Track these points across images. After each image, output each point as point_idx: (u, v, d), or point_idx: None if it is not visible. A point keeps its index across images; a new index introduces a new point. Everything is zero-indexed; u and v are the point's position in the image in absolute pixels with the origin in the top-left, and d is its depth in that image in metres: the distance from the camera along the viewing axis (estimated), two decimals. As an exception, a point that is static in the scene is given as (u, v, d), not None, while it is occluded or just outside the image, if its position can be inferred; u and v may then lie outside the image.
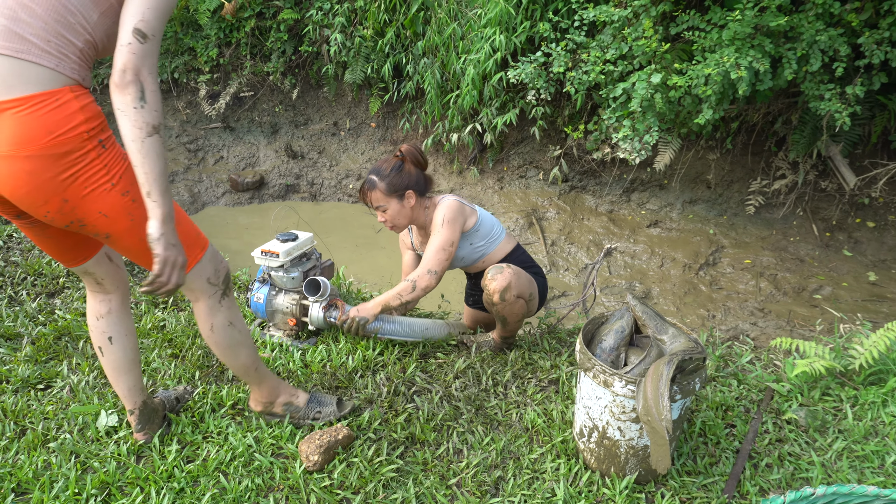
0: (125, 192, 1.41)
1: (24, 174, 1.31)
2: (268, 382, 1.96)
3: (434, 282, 2.34)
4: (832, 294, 4.16)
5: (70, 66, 1.34)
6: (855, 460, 1.97)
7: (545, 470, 1.91)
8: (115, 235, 1.46)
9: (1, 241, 3.28)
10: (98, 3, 1.36)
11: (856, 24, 3.58)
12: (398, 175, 2.36)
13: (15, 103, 1.27)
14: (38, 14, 1.28)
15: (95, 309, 1.79)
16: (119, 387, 1.86)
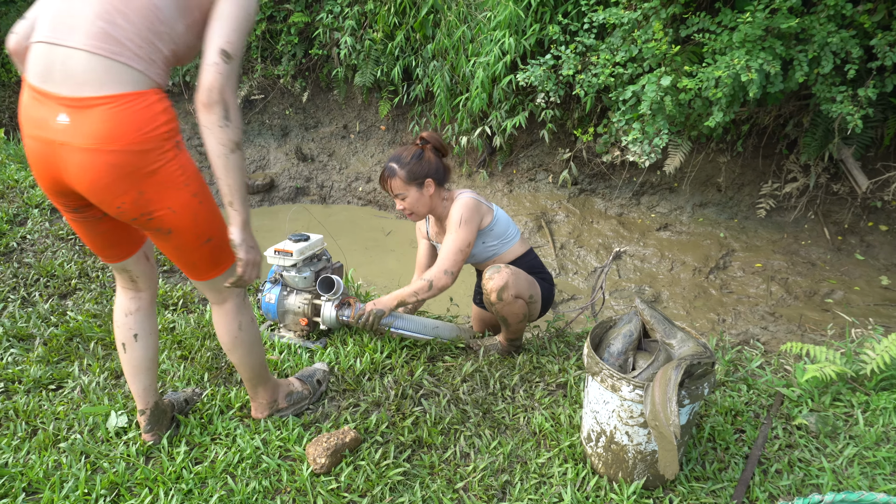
0: (195, 194, 1.51)
1: (107, 167, 1.39)
2: (269, 381, 2.01)
3: (450, 282, 2.35)
4: (844, 298, 4.12)
5: (156, 70, 1.44)
6: (866, 467, 1.95)
7: (552, 474, 1.90)
8: (176, 231, 1.52)
9: (14, 242, 3.31)
10: (184, 16, 1.46)
11: (868, 25, 3.55)
12: (418, 163, 2.37)
13: (107, 100, 1.35)
14: (133, 21, 1.38)
15: (125, 305, 1.83)
16: (135, 385, 1.88)
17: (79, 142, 1.37)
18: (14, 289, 2.92)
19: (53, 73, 1.37)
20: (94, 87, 1.36)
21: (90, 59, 1.36)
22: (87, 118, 1.37)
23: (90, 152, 1.38)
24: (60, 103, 1.37)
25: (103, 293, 2.92)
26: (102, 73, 1.36)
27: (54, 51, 1.37)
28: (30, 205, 3.74)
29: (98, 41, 1.36)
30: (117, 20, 1.37)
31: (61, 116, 1.37)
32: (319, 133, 6.86)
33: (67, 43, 1.36)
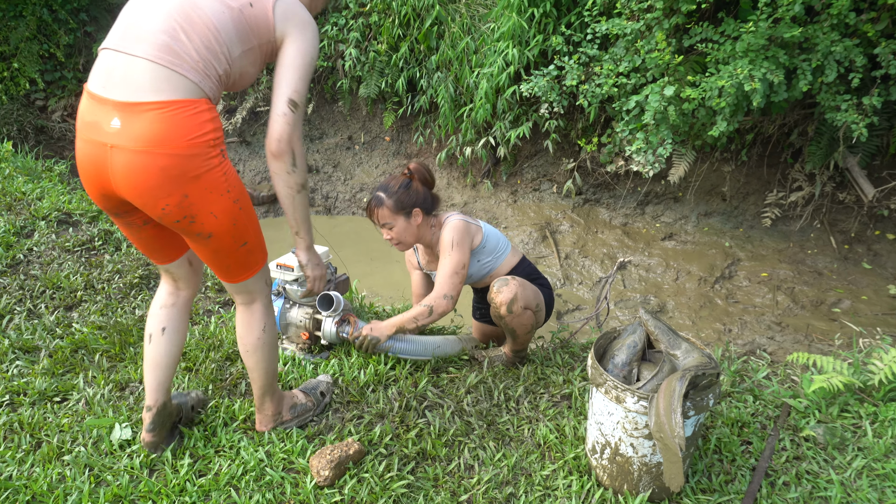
0: (236, 200, 1.59)
1: (156, 170, 1.47)
2: (279, 391, 2.03)
3: (450, 306, 2.35)
4: (851, 308, 4.09)
5: (210, 84, 1.54)
6: (875, 479, 1.93)
7: (557, 487, 1.89)
8: (216, 235, 1.60)
9: (21, 254, 3.33)
10: (242, 42, 1.59)
11: (872, 34, 3.55)
12: (406, 193, 2.36)
13: (159, 105, 1.45)
14: (194, 38, 1.50)
15: (163, 299, 1.91)
16: (149, 379, 1.89)
17: (130, 144, 1.45)
18: (20, 301, 2.93)
19: (113, 78, 1.48)
20: (148, 93, 1.45)
21: (149, 67, 1.46)
22: (139, 121, 1.45)
23: (139, 154, 1.46)
24: (115, 108, 1.46)
25: (108, 305, 2.93)
26: (159, 81, 1.46)
27: (118, 58, 1.49)
28: (37, 217, 3.77)
29: (160, 52, 1.47)
30: (180, 36, 1.49)
31: (114, 121, 1.46)
32: (324, 144, 6.90)
33: (131, 51, 1.48)
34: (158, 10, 1.52)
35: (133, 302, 2.98)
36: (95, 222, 3.88)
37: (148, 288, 3.16)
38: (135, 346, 2.59)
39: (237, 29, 1.57)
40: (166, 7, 1.52)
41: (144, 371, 1.90)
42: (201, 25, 1.52)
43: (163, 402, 1.91)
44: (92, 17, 7.15)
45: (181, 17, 1.51)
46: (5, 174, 4.52)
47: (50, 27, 6.79)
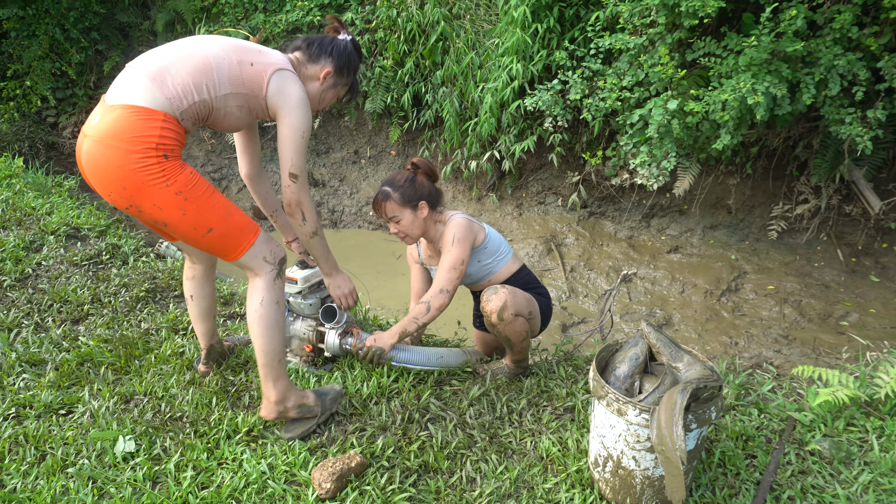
0: (178, 192, 1.75)
1: (102, 158, 1.73)
2: (283, 380, 2.04)
3: (447, 300, 2.37)
4: (859, 321, 4.06)
5: (178, 104, 1.79)
6: (882, 494, 1.91)
7: (559, 500, 1.88)
8: (170, 225, 1.80)
9: (30, 268, 3.37)
10: (233, 85, 1.88)
11: (875, 48, 3.56)
12: (411, 186, 2.42)
13: (125, 107, 1.73)
14: (187, 67, 1.81)
15: (186, 272, 2.29)
16: (197, 329, 2.37)
17: (94, 134, 1.74)
18: (28, 314, 2.96)
19: (118, 86, 1.79)
20: (127, 98, 1.75)
21: (141, 81, 1.77)
22: (106, 117, 1.74)
23: (95, 142, 1.74)
24: (103, 108, 1.78)
25: (115, 318, 2.95)
26: (138, 91, 1.75)
27: (131, 72, 1.80)
28: (46, 232, 3.81)
29: (156, 72, 1.78)
30: (178, 65, 1.81)
31: (97, 117, 1.77)
32: (331, 158, 6.95)
33: (141, 68, 1.79)
34: (179, 44, 1.88)
35: (139, 315, 3.01)
36: (103, 237, 3.93)
37: (154, 301, 3.18)
38: (140, 359, 2.61)
39: (230, 75, 1.87)
40: (185, 42, 1.89)
41: (192, 323, 2.42)
42: (199, 60, 1.83)
43: (211, 345, 2.42)
44: (103, 35, 7.27)
45: (188, 51, 1.84)
46: (16, 189, 4.58)
47: (62, 46, 6.91)
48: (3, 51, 6.95)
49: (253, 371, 2.52)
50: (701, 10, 3.64)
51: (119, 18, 7.31)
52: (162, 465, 1.98)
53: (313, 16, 6.48)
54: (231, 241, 1.87)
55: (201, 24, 6.88)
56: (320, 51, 2.10)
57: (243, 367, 2.55)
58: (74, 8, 6.94)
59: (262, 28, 6.65)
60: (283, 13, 6.69)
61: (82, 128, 1.82)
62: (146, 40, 7.44)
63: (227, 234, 1.86)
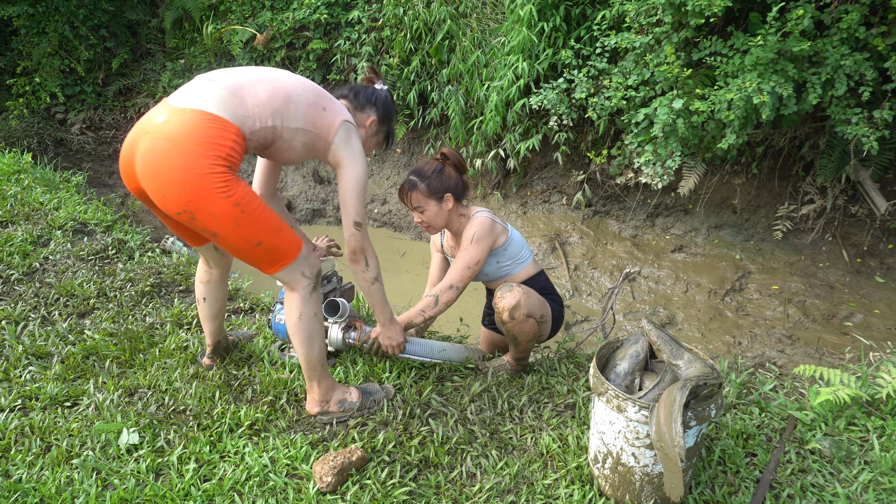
0: (236, 204, 1.76)
1: (165, 156, 1.71)
2: (327, 380, 2.16)
3: (455, 297, 2.39)
4: (863, 321, 4.04)
5: (251, 124, 1.83)
6: (882, 493, 1.91)
7: (559, 496, 1.89)
8: (221, 235, 1.81)
9: (37, 263, 3.40)
10: (304, 121, 1.92)
11: (882, 48, 3.53)
12: (439, 178, 2.41)
13: (201, 112, 1.75)
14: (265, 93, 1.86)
15: (200, 275, 2.32)
16: (205, 328, 2.42)
17: (158, 133, 1.73)
18: (35, 308, 2.99)
19: (189, 94, 1.80)
20: (204, 105, 1.77)
21: (219, 92, 1.80)
22: (177, 118, 1.75)
23: (160, 139, 1.72)
24: (168, 109, 1.78)
25: (120, 312, 2.98)
26: (215, 100, 1.78)
27: (205, 83, 1.83)
28: (53, 227, 3.85)
29: (234, 87, 1.83)
30: (257, 85, 1.86)
31: (161, 117, 1.77)
32: (336, 156, 6.96)
33: (218, 81, 1.83)
34: (254, 68, 1.94)
35: (144, 310, 3.03)
36: (110, 232, 3.96)
37: (159, 296, 3.20)
38: (144, 352, 2.63)
39: (305, 112, 1.92)
40: (260, 68, 1.96)
41: (201, 321, 2.42)
42: (279, 89, 1.88)
43: (217, 341, 2.47)
44: (112, 33, 7.32)
45: (266, 76, 1.90)
46: (24, 185, 4.62)
47: (71, 43, 6.95)
48: (13, 48, 7.00)
49: (256, 365, 2.54)
50: (707, 10, 3.62)
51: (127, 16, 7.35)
52: (165, 457, 2.00)
53: (320, 14, 6.50)
54: (276, 255, 1.90)
55: (209, 22, 6.91)
56: (366, 100, 2.25)
57: (246, 361, 2.57)
58: (83, 5, 6.98)
59: (269, 26, 6.67)
60: (289, 11, 6.71)
61: (138, 124, 1.81)
62: (154, 38, 7.48)
63: (273, 249, 1.88)
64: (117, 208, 5.61)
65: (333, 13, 6.59)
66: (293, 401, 2.32)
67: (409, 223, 6.28)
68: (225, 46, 6.94)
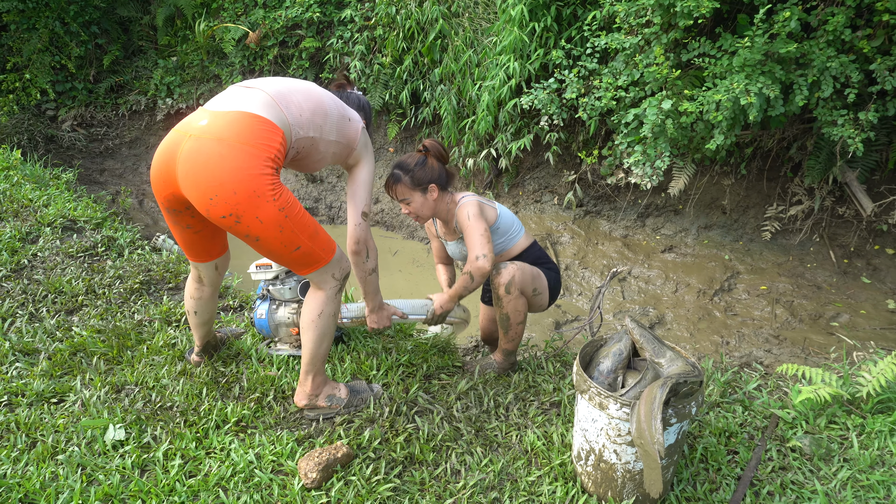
0: (281, 209, 1.77)
1: (216, 155, 1.70)
2: (321, 376, 2.18)
3: (487, 264, 2.35)
4: (850, 322, 4.08)
5: (296, 132, 1.88)
6: (860, 490, 1.93)
7: (542, 493, 1.91)
8: (263, 239, 1.80)
9: (26, 259, 3.39)
10: (337, 134, 2.02)
11: (867, 50, 3.57)
12: (422, 169, 2.46)
13: (247, 114, 1.76)
14: (307, 104, 1.92)
15: (191, 291, 2.31)
16: (195, 333, 2.42)
17: (203, 135, 1.73)
18: (23, 304, 2.98)
19: (227, 99, 1.82)
20: (250, 108, 1.78)
21: (262, 97, 1.82)
22: (222, 119, 1.75)
23: (206, 140, 1.71)
24: (209, 114, 1.79)
25: (108, 309, 2.98)
26: (260, 104, 1.79)
27: (242, 90, 1.86)
28: (42, 223, 3.84)
29: (277, 94, 1.85)
30: (298, 95, 1.91)
31: (203, 121, 1.77)
32: (329, 155, 6.96)
33: (258, 86, 1.86)
34: (290, 79, 1.98)
35: (133, 307, 3.03)
36: (99, 229, 3.95)
37: (148, 293, 3.20)
38: (132, 349, 2.64)
39: (338, 125, 2.01)
40: (295, 80, 2.00)
41: (191, 327, 2.45)
42: (317, 102, 1.94)
43: (206, 343, 2.48)
44: (103, 29, 7.29)
45: (305, 88, 1.96)
46: (13, 181, 4.60)
47: (62, 39, 6.92)
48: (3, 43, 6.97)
49: (243, 363, 2.55)
50: (696, 11, 3.65)
51: (119, 13, 7.32)
52: (151, 453, 2.01)
53: (312, 12, 6.50)
54: (311, 258, 1.93)
55: (201, 19, 6.90)
56: (356, 105, 2.34)
57: (234, 358, 2.58)
58: (74, 2, 6.95)
59: (262, 24, 6.67)
60: (282, 9, 6.71)
61: (175, 129, 1.81)
62: (146, 35, 7.46)
63: (309, 253, 1.91)
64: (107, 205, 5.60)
65: (326, 12, 6.59)
66: (280, 398, 2.33)
67: (402, 222, 6.29)
68: (217, 44, 6.93)
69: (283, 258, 1.90)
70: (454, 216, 2.55)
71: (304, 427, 2.17)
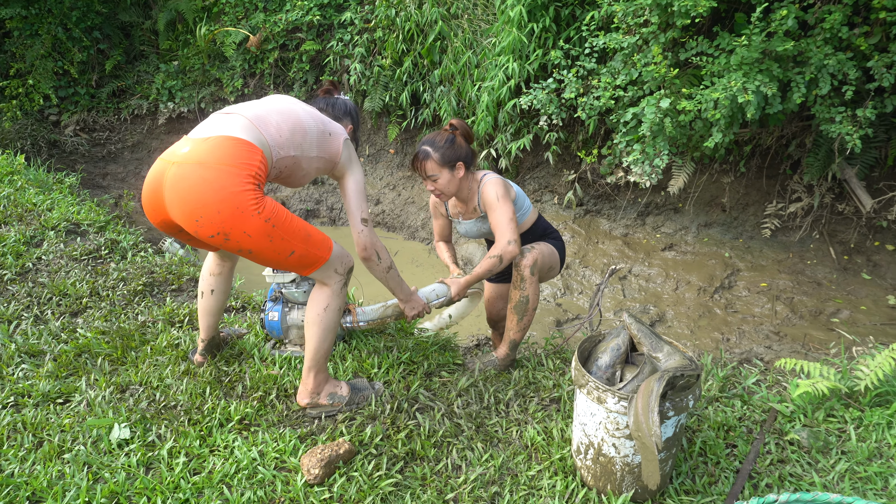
0: (267, 220, 1.82)
1: (198, 179, 1.77)
2: (323, 373, 2.22)
3: (516, 249, 2.46)
4: (850, 318, 4.10)
5: (276, 152, 1.95)
6: (857, 482, 1.95)
7: (542, 487, 1.93)
8: (255, 251, 1.87)
9: (30, 263, 3.42)
10: (319, 149, 2.08)
11: (865, 48, 3.59)
12: (451, 147, 2.50)
13: (228, 137, 1.85)
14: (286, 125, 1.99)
15: (210, 267, 2.38)
16: (202, 322, 2.45)
17: (185, 160, 1.80)
18: (28, 307, 3.01)
19: (208, 127, 1.90)
20: (228, 132, 1.86)
21: (241, 121, 1.90)
22: (203, 145, 1.83)
23: (189, 165, 1.79)
24: (191, 141, 1.87)
25: (112, 311, 3.01)
26: (239, 128, 1.88)
27: (222, 116, 1.94)
28: (46, 227, 3.87)
29: (254, 118, 1.93)
30: (276, 116, 1.98)
31: (185, 147, 1.85)
32: (330, 157, 6.99)
33: (237, 112, 1.94)
34: (268, 99, 2.08)
35: (136, 308, 3.06)
36: (103, 232, 3.98)
37: (151, 295, 3.23)
38: (136, 350, 2.66)
39: (318, 141, 2.07)
40: (275, 99, 2.09)
41: (199, 316, 2.45)
42: (296, 122, 2.01)
43: (212, 337, 2.50)
44: (105, 34, 7.33)
45: (283, 107, 2.03)
46: (17, 186, 4.64)
47: (64, 45, 6.97)
48: (6, 50, 7.01)
49: (246, 362, 2.57)
50: (693, 10, 3.67)
51: (121, 18, 7.36)
52: (155, 451, 2.04)
53: (313, 15, 6.53)
54: (309, 259, 1.97)
55: (202, 24, 6.94)
56: (343, 112, 2.46)
57: (237, 357, 2.61)
58: (76, 7, 7.00)
59: (263, 27, 6.70)
60: (283, 13, 6.74)
61: (160, 158, 1.89)
62: (147, 39, 7.50)
63: (305, 255, 1.95)
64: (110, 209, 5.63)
65: (326, 15, 6.62)
66: (283, 396, 2.36)
67: (402, 223, 6.32)
68: (218, 48, 6.97)
69: (280, 264, 1.95)
70: (476, 194, 2.62)
71: (307, 424, 2.20)
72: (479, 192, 2.60)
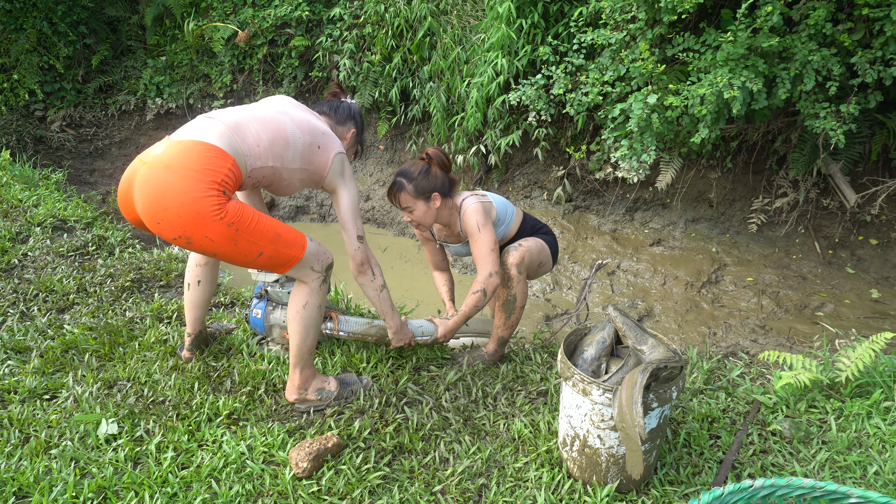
0: (231, 224, 1.80)
1: (162, 181, 1.77)
2: (309, 369, 2.23)
3: (498, 281, 2.45)
4: (834, 311, 4.15)
5: (252, 161, 1.94)
6: (837, 471, 1.99)
7: (529, 478, 1.95)
8: (221, 254, 1.87)
9: (16, 259, 3.40)
10: (303, 160, 2.06)
11: (848, 43, 3.63)
12: (425, 178, 2.47)
13: (199, 142, 1.84)
14: (266, 134, 1.98)
15: (197, 258, 2.38)
16: (189, 315, 2.44)
17: (154, 161, 1.80)
18: (14, 303, 3.00)
19: (189, 130, 1.89)
20: (202, 137, 1.85)
21: (218, 127, 1.90)
22: (174, 148, 1.83)
23: (155, 167, 1.79)
24: (167, 142, 1.87)
25: (100, 307, 3.00)
26: (215, 134, 1.87)
27: (205, 120, 1.93)
28: (32, 223, 3.85)
29: (234, 124, 1.93)
30: (256, 125, 1.97)
31: (159, 148, 1.85)
32: (319, 153, 6.97)
33: (218, 118, 1.93)
34: (254, 106, 2.07)
35: (124, 304, 3.05)
36: (90, 228, 3.96)
37: (139, 291, 3.22)
38: (124, 346, 2.66)
39: (302, 153, 2.05)
40: (260, 107, 2.07)
41: (185, 309, 2.44)
42: (278, 132, 2.00)
43: (199, 331, 2.50)
44: (91, 29, 7.27)
45: (265, 115, 2.01)
46: (2, 182, 4.60)
47: (50, 39, 6.90)
48: (-9, 44, 6.94)
49: (235, 357, 2.57)
50: (680, 6, 3.70)
51: (107, 12, 7.30)
52: (143, 446, 2.04)
53: (301, 10, 6.51)
54: (280, 259, 1.96)
55: (190, 19, 6.89)
56: (346, 116, 2.44)
57: (225, 353, 2.61)
58: (62, 1, 6.94)
59: (251, 23, 6.67)
60: (271, 8, 6.71)
61: (138, 158, 1.88)
62: (135, 34, 7.44)
63: (276, 255, 1.94)
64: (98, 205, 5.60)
65: (315, 10, 6.60)
66: (271, 391, 2.36)
67: (392, 219, 6.32)
68: (206, 43, 6.93)
69: (250, 265, 1.95)
70: (458, 220, 2.58)
71: (295, 419, 2.21)
72: (460, 219, 2.55)
